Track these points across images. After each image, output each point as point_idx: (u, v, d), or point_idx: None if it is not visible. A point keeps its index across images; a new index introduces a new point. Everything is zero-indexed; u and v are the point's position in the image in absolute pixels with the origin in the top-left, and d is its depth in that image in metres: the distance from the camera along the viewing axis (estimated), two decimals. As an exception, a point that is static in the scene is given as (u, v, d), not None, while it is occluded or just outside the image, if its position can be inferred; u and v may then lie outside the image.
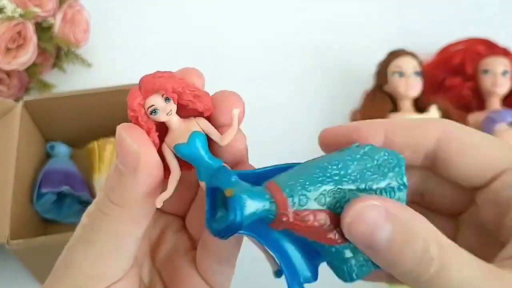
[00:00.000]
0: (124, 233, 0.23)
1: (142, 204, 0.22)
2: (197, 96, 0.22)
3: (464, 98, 0.65)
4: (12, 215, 0.46)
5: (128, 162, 0.21)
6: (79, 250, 0.23)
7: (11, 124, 0.52)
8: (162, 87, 0.22)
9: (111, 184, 0.23)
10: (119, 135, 0.22)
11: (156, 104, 0.22)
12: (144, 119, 0.22)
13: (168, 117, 0.22)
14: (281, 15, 0.79)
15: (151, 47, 0.74)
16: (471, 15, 0.79)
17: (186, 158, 0.23)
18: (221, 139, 0.23)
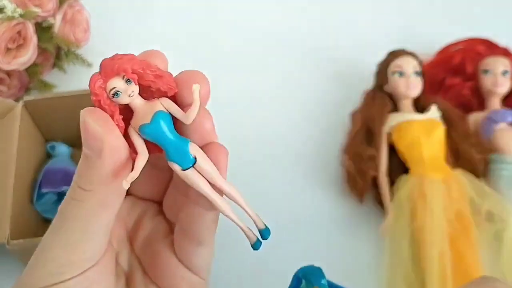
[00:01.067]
0: (93, 217, 0.23)
1: (109, 187, 0.23)
2: (158, 76, 0.22)
3: (464, 98, 0.65)
4: (12, 215, 0.46)
5: (93, 145, 0.22)
6: (50, 238, 0.23)
7: (11, 124, 0.52)
8: (121, 68, 0.22)
9: (78, 171, 0.23)
10: (83, 120, 0.22)
11: (117, 86, 0.22)
12: (107, 103, 0.22)
13: (130, 98, 0.22)
14: (280, 15, 0.79)
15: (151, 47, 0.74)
16: (471, 15, 0.79)
17: (152, 138, 0.23)
18: (185, 117, 0.23)
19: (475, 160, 0.59)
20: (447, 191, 0.55)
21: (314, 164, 0.63)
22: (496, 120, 0.61)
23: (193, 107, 0.23)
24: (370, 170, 0.58)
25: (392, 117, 0.60)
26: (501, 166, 0.58)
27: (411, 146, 0.58)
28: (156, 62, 0.24)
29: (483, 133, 0.61)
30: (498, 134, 0.60)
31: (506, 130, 0.60)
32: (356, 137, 0.61)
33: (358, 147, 0.60)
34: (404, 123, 0.59)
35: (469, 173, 0.58)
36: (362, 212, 0.59)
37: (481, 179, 0.58)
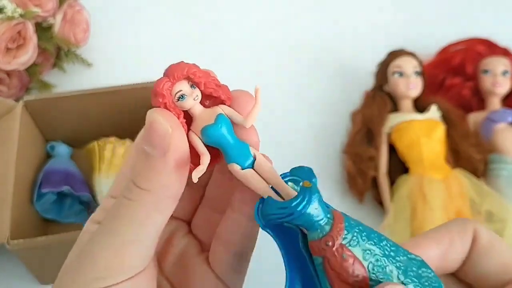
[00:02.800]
0: (147, 219, 0.22)
1: (168, 188, 0.22)
2: (219, 85, 0.23)
3: (464, 98, 0.65)
4: (12, 215, 0.46)
5: (159, 143, 0.21)
6: (100, 241, 0.22)
7: (11, 124, 0.52)
8: (190, 72, 0.22)
9: (136, 169, 0.22)
10: (151, 117, 0.21)
11: (183, 90, 0.22)
12: (172, 106, 0.22)
13: (194, 102, 0.22)
14: (281, 16, 0.79)
15: (151, 47, 0.74)
16: (471, 15, 0.79)
17: (214, 139, 0.23)
18: (245, 121, 0.23)
19: (475, 160, 0.59)
20: (447, 191, 0.56)
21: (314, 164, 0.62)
22: (496, 120, 0.61)
23: (255, 110, 0.23)
24: (370, 170, 0.58)
25: (392, 117, 0.60)
26: (501, 166, 0.59)
27: (411, 146, 0.58)
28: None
29: (483, 133, 0.61)
30: (498, 134, 0.60)
31: (505, 130, 0.60)
32: (356, 137, 0.61)
33: (358, 147, 0.60)
34: (404, 123, 0.59)
35: (469, 173, 0.58)
36: (362, 211, 0.59)
37: (481, 179, 0.58)
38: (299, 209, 0.21)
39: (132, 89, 0.56)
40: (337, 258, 0.21)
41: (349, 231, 0.21)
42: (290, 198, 0.21)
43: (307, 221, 0.21)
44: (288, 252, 0.22)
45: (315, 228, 0.21)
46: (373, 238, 0.22)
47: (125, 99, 0.57)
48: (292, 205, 0.21)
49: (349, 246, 0.21)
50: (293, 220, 0.21)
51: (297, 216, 0.21)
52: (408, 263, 0.22)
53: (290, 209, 0.21)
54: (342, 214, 0.22)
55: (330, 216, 0.21)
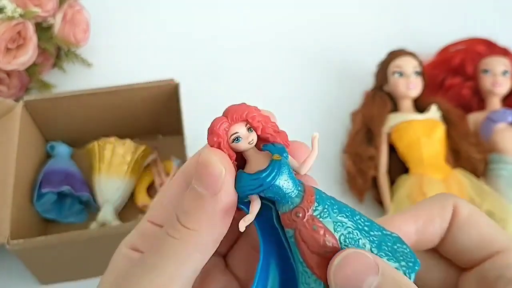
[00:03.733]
0: (189, 258, 0.22)
1: (214, 229, 0.22)
2: (277, 132, 0.23)
3: (464, 98, 0.65)
4: (12, 215, 0.46)
5: (211, 184, 0.21)
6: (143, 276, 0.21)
7: (11, 124, 0.52)
8: (250, 115, 0.22)
9: (184, 207, 0.22)
10: (206, 157, 0.22)
11: (239, 132, 0.22)
12: (226, 146, 0.22)
13: (249, 145, 0.22)
14: (281, 16, 0.79)
15: (151, 47, 0.74)
16: (471, 15, 0.79)
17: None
18: (300, 168, 0.23)
19: (475, 160, 0.59)
20: (446, 191, 0.55)
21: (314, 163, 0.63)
22: (496, 120, 0.61)
23: (312, 157, 0.23)
24: (370, 170, 0.58)
25: (392, 117, 0.60)
26: (501, 166, 0.58)
27: (411, 146, 0.58)
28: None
29: (483, 133, 0.61)
30: (498, 134, 0.60)
31: (505, 130, 0.60)
32: (356, 137, 0.61)
33: (358, 147, 0.60)
34: (404, 123, 0.59)
35: (469, 172, 0.58)
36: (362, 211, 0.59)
37: (481, 179, 0.58)
38: (269, 180, 0.21)
39: (132, 89, 0.56)
40: (307, 229, 0.21)
41: (320, 204, 0.22)
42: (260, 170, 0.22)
43: (278, 193, 0.22)
44: (263, 227, 0.23)
45: (286, 200, 0.22)
46: (346, 212, 0.22)
47: (125, 99, 0.57)
48: (262, 176, 0.21)
49: (320, 218, 0.21)
50: (264, 191, 0.22)
51: (267, 187, 0.21)
52: (382, 238, 0.22)
53: (260, 180, 0.21)
54: (313, 188, 0.22)
55: (301, 189, 0.22)
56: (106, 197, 0.55)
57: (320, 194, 0.22)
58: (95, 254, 0.49)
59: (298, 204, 0.22)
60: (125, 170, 0.56)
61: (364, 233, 0.22)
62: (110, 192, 0.55)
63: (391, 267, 0.21)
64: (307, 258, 0.22)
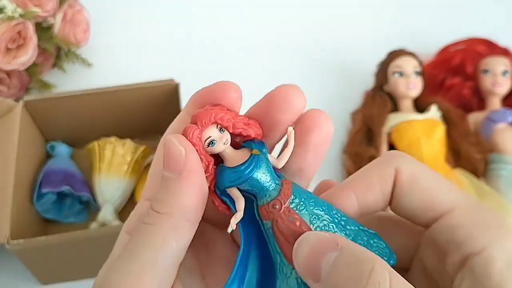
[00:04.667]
0: (165, 243, 0.22)
1: (186, 210, 0.22)
2: (247, 123, 0.23)
3: (464, 98, 0.65)
4: (12, 215, 0.46)
5: (173, 165, 0.22)
6: (120, 266, 0.22)
7: (11, 124, 0.52)
8: (218, 117, 0.23)
9: (156, 195, 0.22)
10: (167, 141, 0.22)
11: (212, 135, 0.23)
12: (203, 153, 0.23)
13: (225, 146, 0.23)
14: (281, 15, 0.79)
15: (151, 47, 0.74)
16: (471, 15, 0.79)
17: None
18: (276, 162, 0.24)
19: (475, 160, 0.59)
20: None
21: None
22: (496, 120, 0.61)
23: (286, 154, 0.24)
24: (370, 170, 0.58)
25: (392, 117, 0.61)
26: (501, 166, 0.59)
27: (411, 146, 0.58)
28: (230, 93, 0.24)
29: (483, 133, 0.61)
30: (498, 134, 0.60)
31: (505, 130, 0.60)
32: (356, 137, 0.61)
33: (358, 147, 0.60)
34: (404, 123, 0.59)
35: (469, 172, 0.58)
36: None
37: (481, 179, 0.58)
38: (246, 173, 0.22)
39: (132, 89, 0.56)
40: (284, 220, 0.22)
41: (297, 196, 0.23)
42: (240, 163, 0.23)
43: (256, 186, 0.23)
44: (244, 220, 0.23)
45: (263, 193, 0.23)
46: (322, 206, 0.23)
47: (125, 99, 0.57)
48: (241, 169, 0.22)
49: (296, 210, 0.22)
50: (243, 183, 0.22)
51: (245, 180, 0.22)
52: (358, 232, 0.23)
53: (239, 172, 0.22)
54: (291, 182, 0.23)
55: (278, 182, 0.23)
56: (106, 197, 0.55)
57: (297, 188, 0.23)
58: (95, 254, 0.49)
59: (275, 197, 0.23)
60: (125, 170, 0.56)
61: (340, 227, 0.23)
62: (110, 192, 0.55)
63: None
64: (284, 248, 0.22)
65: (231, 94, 0.24)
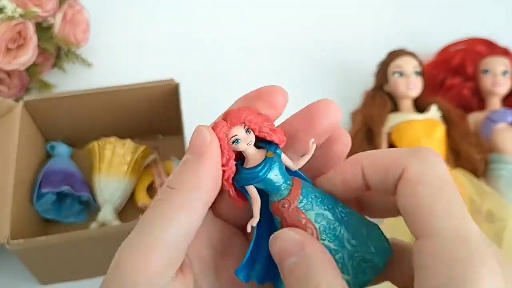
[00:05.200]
0: (174, 216, 0.22)
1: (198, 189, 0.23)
2: (273, 129, 0.25)
3: (464, 98, 0.65)
4: (12, 215, 0.46)
5: (197, 148, 0.24)
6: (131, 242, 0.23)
7: (11, 124, 0.52)
8: (247, 119, 0.25)
9: (173, 173, 0.24)
10: (197, 128, 0.24)
11: (238, 134, 0.24)
12: (226, 147, 0.24)
13: (248, 146, 0.25)
14: (281, 15, 0.79)
15: (151, 47, 0.74)
16: (471, 15, 0.79)
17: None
18: (293, 165, 0.26)
19: (475, 160, 0.59)
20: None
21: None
22: (496, 120, 0.61)
23: (305, 159, 0.26)
24: (370, 170, 0.58)
25: (392, 117, 0.60)
26: (501, 166, 0.59)
27: (411, 146, 0.58)
28: (277, 98, 0.26)
29: (483, 133, 0.61)
30: (498, 134, 0.60)
31: (505, 130, 0.60)
32: (356, 137, 0.61)
33: (358, 147, 0.60)
34: (404, 123, 0.59)
35: (469, 172, 0.58)
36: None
37: (481, 179, 0.58)
38: (261, 174, 0.24)
39: (132, 89, 0.56)
40: (291, 218, 0.24)
41: (305, 197, 0.25)
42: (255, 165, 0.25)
43: (269, 185, 0.25)
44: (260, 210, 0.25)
45: (276, 192, 0.25)
46: (328, 204, 0.25)
47: (125, 99, 0.57)
48: (256, 170, 0.24)
49: (303, 210, 0.24)
50: (258, 183, 0.25)
51: (260, 180, 0.24)
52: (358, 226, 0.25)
53: (254, 173, 0.24)
54: (302, 183, 0.25)
55: (289, 183, 0.25)
56: (106, 197, 0.55)
57: (307, 189, 0.25)
58: (95, 254, 0.49)
59: (285, 196, 0.25)
60: (125, 170, 0.56)
61: (343, 223, 0.25)
62: (110, 192, 0.55)
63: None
64: None
65: (278, 98, 0.26)
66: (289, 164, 0.26)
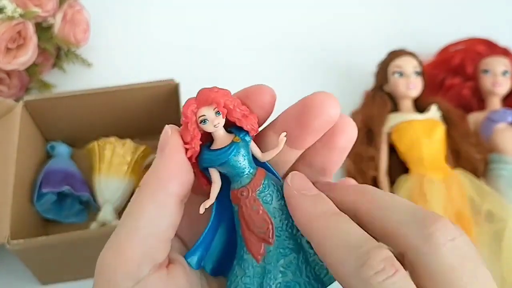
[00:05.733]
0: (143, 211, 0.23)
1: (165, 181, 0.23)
2: (245, 116, 0.25)
3: (464, 98, 0.65)
4: (12, 215, 0.46)
5: (161, 144, 0.24)
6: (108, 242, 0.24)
7: (11, 124, 0.52)
8: (215, 100, 0.24)
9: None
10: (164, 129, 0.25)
11: (206, 115, 0.24)
12: (193, 126, 0.24)
13: (214, 128, 0.24)
14: (281, 16, 0.79)
15: (151, 47, 0.74)
16: (471, 15, 0.79)
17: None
18: (262, 156, 0.25)
19: (475, 160, 0.59)
20: (447, 191, 0.56)
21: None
22: (496, 120, 0.61)
23: (274, 151, 0.25)
24: (370, 170, 0.58)
25: (392, 117, 0.60)
26: (501, 166, 0.59)
27: (411, 146, 0.58)
28: (264, 97, 0.25)
29: (483, 133, 0.61)
30: (498, 134, 0.60)
31: (505, 130, 0.60)
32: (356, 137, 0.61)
33: (358, 147, 0.60)
34: (404, 123, 0.59)
35: (469, 173, 0.58)
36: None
37: (481, 179, 0.58)
38: (222, 157, 0.24)
39: (132, 89, 0.56)
40: (248, 208, 0.24)
41: (266, 189, 0.24)
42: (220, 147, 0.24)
43: (230, 171, 0.24)
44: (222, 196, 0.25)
45: (237, 179, 0.24)
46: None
47: (125, 99, 0.57)
48: (217, 152, 0.24)
49: (261, 201, 0.24)
50: (219, 166, 0.24)
51: (220, 163, 0.24)
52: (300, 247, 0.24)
53: (215, 155, 0.24)
54: (267, 174, 0.25)
55: (253, 171, 0.24)
56: (106, 197, 0.55)
57: (270, 181, 0.24)
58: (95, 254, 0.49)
59: (245, 184, 0.24)
60: (125, 170, 0.56)
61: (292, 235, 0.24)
62: (110, 192, 0.55)
63: None
64: (244, 234, 0.24)
65: (264, 97, 0.25)
66: (258, 154, 0.25)
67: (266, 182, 0.24)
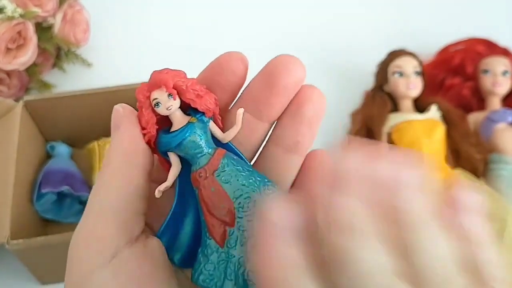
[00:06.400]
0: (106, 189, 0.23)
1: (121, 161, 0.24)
2: (199, 96, 0.24)
3: (464, 98, 0.65)
4: (12, 215, 0.46)
5: (114, 123, 0.25)
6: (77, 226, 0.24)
7: (11, 124, 0.52)
8: (163, 82, 0.23)
9: None
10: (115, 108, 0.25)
11: (158, 98, 0.23)
12: (147, 111, 0.24)
13: (168, 111, 0.23)
14: (281, 16, 0.79)
15: (151, 47, 0.74)
16: (471, 15, 0.79)
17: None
18: (223, 137, 0.24)
19: (475, 160, 0.59)
20: (447, 191, 0.55)
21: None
22: (496, 120, 0.61)
23: (234, 129, 0.24)
24: (370, 170, 0.58)
25: (392, 117, 0.60)
26: (501, 166, 0.58)
27: (411, 146, 0.58)
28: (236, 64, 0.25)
29: (483, 133, 0.61)
30: (498, 134, 0.60)
31: (505, 130, 0.60)
32: (357, 137, 0.61)
33: (358, 147, 0.60)
34: (404, 123, 0.59)
35: (469, 172, 0.58)
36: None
37: (481, 179, 0.58)
38: (176, 138, 0.23)
39: (132, 89, 0.56)
40: (206, 190, 0.23)
41: (225, 168, 0.23)
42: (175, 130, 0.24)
43: (187, 152, 0.23)
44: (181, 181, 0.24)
45: (195, 160, 0.23)
46: (249, 179, 0.23)
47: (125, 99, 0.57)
48: (173, 134, 0.23)
49: (220, 182, 0.23)
50: (175, 149, 0.23)
51: (175, 145, 0.23)
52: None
53: (169, 137, 0.23)
54: (226, 154, 0.23)
55: (211, 152, 0.23)
56: (106, 197, 0.55)
57: (230, 160, 0.23)
58: (95, 254, 0.49)
59: (203, 165, 0.23)
60: (125, 170, 0.56)
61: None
62: (110, 192, 0.55)
63: None
64: (206, 217, 0.23)
65: (237, 64, 0.25)
66: (218, 135, 0.24)
67: (226, 161, 0.23)
